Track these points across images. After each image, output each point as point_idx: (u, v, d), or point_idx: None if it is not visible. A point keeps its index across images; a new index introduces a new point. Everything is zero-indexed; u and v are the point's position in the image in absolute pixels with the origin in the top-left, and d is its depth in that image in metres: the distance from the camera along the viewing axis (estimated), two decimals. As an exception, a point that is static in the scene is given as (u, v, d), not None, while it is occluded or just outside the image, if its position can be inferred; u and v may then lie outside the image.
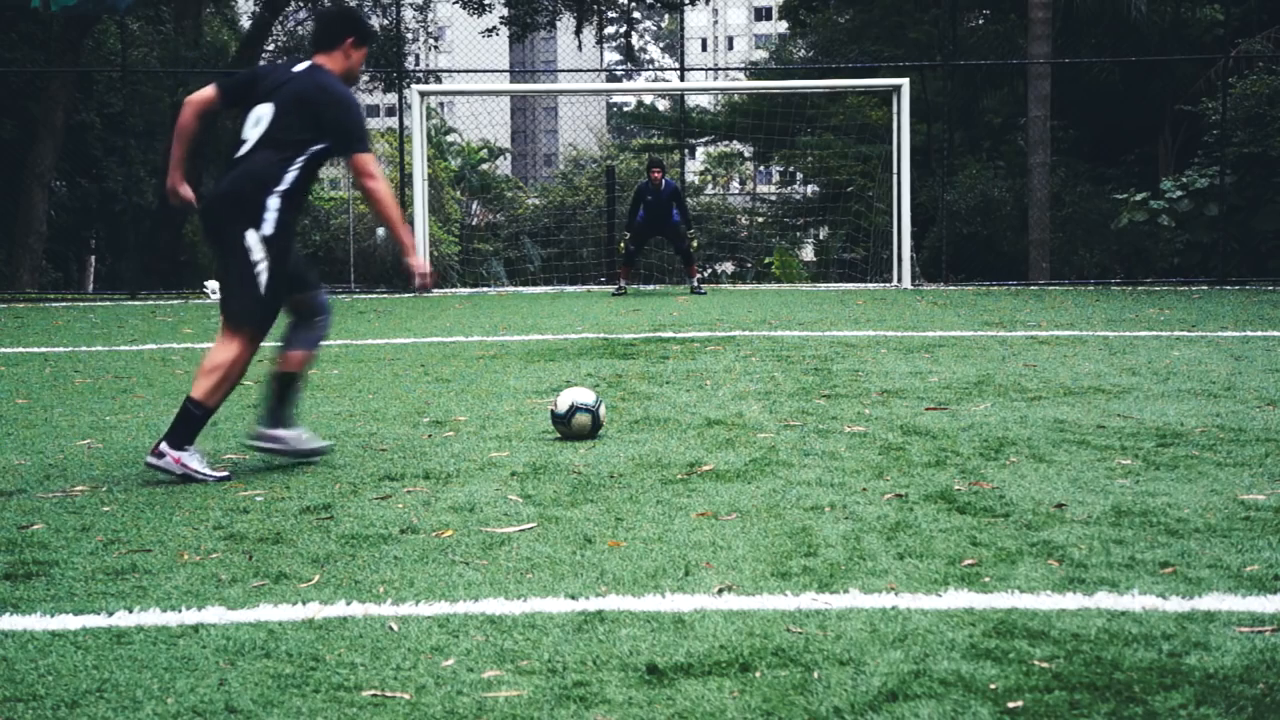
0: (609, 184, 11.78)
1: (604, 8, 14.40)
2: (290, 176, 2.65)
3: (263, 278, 2.64)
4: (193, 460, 2.59)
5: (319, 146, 2.68)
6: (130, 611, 1.75)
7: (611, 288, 9.12)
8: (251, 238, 2.62)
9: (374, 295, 9.55)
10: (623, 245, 8.84)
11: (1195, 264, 9.97)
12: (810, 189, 16.99)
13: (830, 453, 2.81)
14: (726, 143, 19.09)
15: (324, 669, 1.52)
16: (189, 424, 2.61)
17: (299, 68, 2.75)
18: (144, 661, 1.56)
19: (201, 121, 2.77)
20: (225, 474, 2.64)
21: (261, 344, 2.74)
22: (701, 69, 17.65)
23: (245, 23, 16.24)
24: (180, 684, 1.49)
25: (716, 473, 2.62)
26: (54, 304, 9.05)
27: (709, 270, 14.11)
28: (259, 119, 2.68)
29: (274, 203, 2.63)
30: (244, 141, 2.69)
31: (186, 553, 2.06)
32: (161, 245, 12.87)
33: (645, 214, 8.54)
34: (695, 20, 42.23)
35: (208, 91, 2.76)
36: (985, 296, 8.19)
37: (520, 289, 10.41)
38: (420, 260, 2.75)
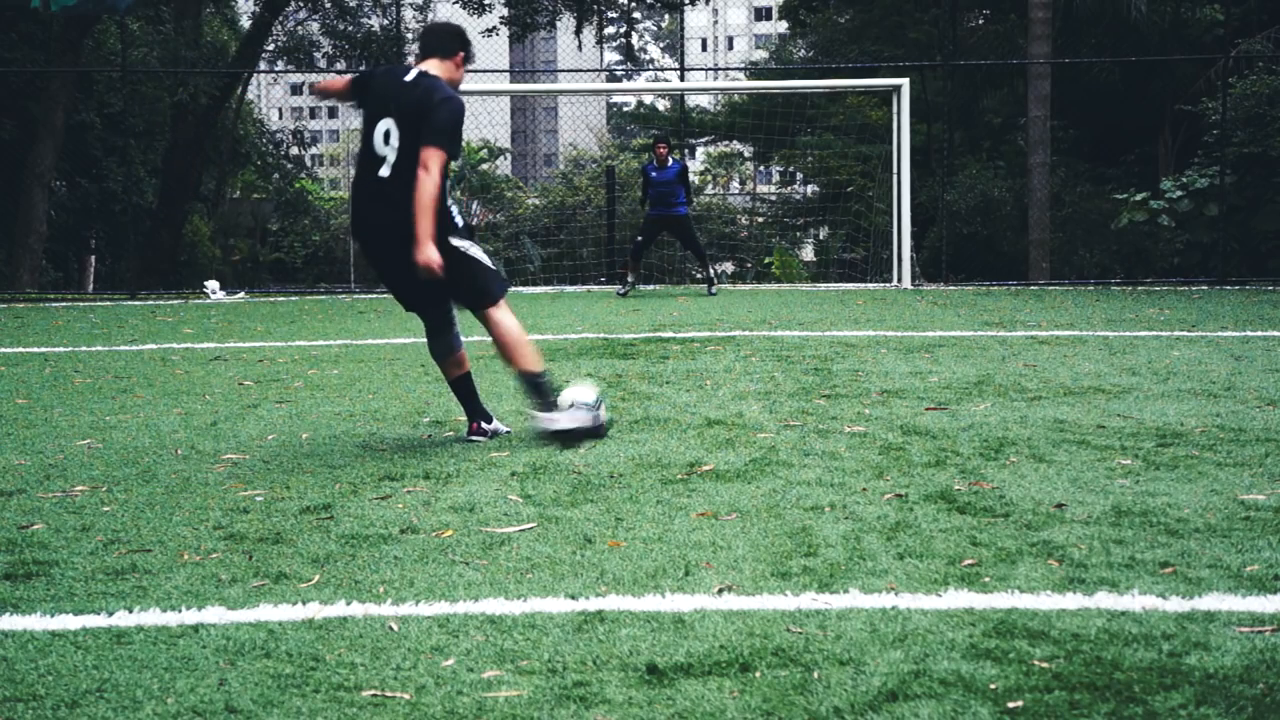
0: (609, 184, 11.75)
1: (604, 8, 14.39)
2: (445, 181, 2.87)
3: (475, 252, 2.91)
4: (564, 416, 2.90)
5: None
6: (130, 611, 1.75)
7: (616, 287, 8.92)
8: (453, 240, 2.87)
9: (374, 295, 9.53)
10: (643, 201, 8.40)
11: (1195, 264, 9.97)
12: (810, 189, 16.99)
13: (830, 453, 2.81)
14: (726, 143, 19.09)
15: (324, 669, 1.52)
16: (544, 390, 2.89)
17: (409, 77, 2.91)
18: (144, 661, 1.56)
19: (339, 92, 3.06)
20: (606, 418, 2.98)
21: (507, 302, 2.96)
22: (701, 69, 17.65)
23: (245, 23, 16.23)
24: (180, 684, 1.49)
25: (716, 473, 2.63)
26: (54, 304, 9.01)
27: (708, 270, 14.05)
28: (387, 134, 2.84)
29: (448, 205, 2.87)
30: (382, 159, 2.88)
31: (186, 553, 2.06)
32: (161, 245, 12.84)
33: (652, 195, 8.21)
34: (695, 20, 42.16)
35: (345, 78, 3.06)
36: (985, 296, 8.19)
37: (520, 289, 10.39)
38: (425, 253, 2.83)
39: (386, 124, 2.84)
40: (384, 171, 2.84)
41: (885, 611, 1.70)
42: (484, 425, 3.03)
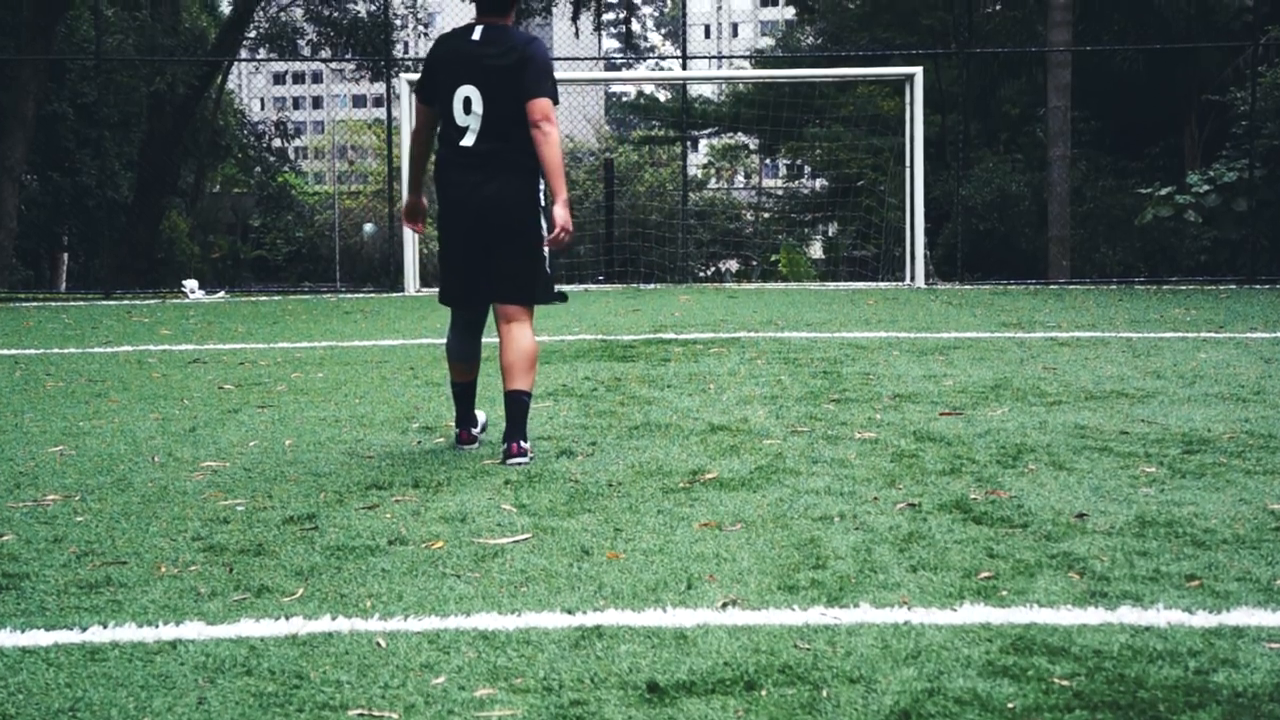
0: (607, 177, 11.68)
1: (602, -8, 14.21)
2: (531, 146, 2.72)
3: (546, 251, 2.78)
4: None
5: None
6: (105, 627, 1.71)
7: (608, 286, 8.92)
8: (541, 219, 2.75)
9: (360, 295, 9.53)
10: None
11: (1223, 262, 9.79)
12: (819, 183, 16.82)
13: (840, 460, 2.75)
14: (731, 135, 18.84)
15: (308, 687, 1.48)
16: (526, 414, 2.76)
17: (476, 35, 2.73)
18: (119, 679, 1.52)
19: (429, 136, 2.84)
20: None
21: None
22: (705, 57, 17.37)
23: (225, 8, 16.07)
24: (157, 703, 1.45)
25: (720, 481, 2.57)
26: (24, 304, 8.93)
27: (713, 268, 13.97)
28: (468, 101, 2.69)
29: (539, 179, 2.75)
30: (464, 130, 2.69)
31: (164, 565, 2.01)
32: (137, 242, 12.72)
33: None
34: (698, 6, 41.67)
35: (418, 107, 2.80)
36: (1002, 296, 8.09)
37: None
38: (565, 213, 2.70)
39: (466, 91, 2.68)
40: (467, 141, 2.68)
41: (897, 627, 1.65)
42: (473, 431, 2.91)
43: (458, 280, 2.80)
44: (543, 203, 2.77)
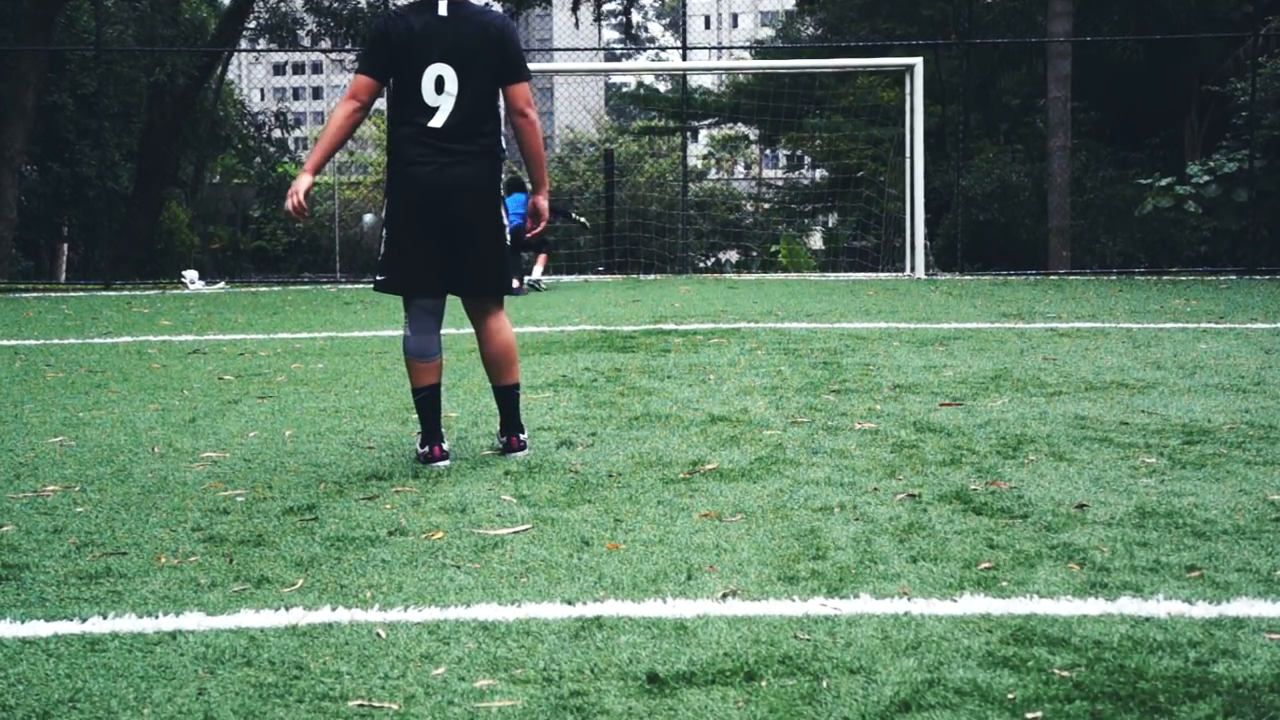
0: (607, 168, 11.62)
1: (602, -17, 14.12)
2: (501, 129, 2.65)
3: (506, 237, 2.70)
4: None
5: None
6: (105, 617, 1.71)
7: (608, 277, 8.80)
8: (500, 207, 2.66)
9: (360, 285, 9.47)
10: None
11: (1223, 252, 9.77)
12: (819, 173, 16.72)
13: (840, 451, 2.74)
14: (731, 125, 18.69)
15: (308, 678, 1.48)
16: (519, 405, 2.74)
17: (443, 10, 2.57)
18: (119, 670, 1.52)
19: (361, 119, 2.63)
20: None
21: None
22: (705, 47, 17.11)
23: None
24: (157, 693, 1.44)
25: (720, 472, 2.56)
26: (24, 294, 8.90)
27: (713, 259, 13.91)
28: (440, 80, 2.54)
29: (501, 164, 2.67)
30: (433, 110, 2.55)
31: (164, 556, 2.01)
32: (137, 232, 12.62)
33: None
34: (698, -3, 41.18)
35: (362, 80, 2.57)
36: (1002, 287, 8.09)
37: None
38: (545, 204, 2.71)
39: (438, 69, 2.52)
40: (436, 122, 2.51)
41: (898, 617, 1.64)
42: (445, 448, 2.63)
43: (421, 265, 2.58)
44: (500, 187, 2.68)
